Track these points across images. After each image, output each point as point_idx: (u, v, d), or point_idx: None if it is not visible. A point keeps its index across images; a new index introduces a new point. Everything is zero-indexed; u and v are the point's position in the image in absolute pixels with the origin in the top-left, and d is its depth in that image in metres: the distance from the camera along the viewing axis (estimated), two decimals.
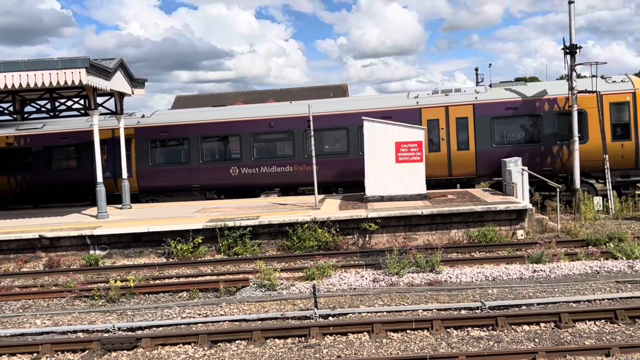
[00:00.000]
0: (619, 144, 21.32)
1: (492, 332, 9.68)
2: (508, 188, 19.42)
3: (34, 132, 25.26)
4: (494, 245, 16.02)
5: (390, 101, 23.42)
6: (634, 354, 8.25)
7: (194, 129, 24.20)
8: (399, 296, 11.97)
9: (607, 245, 14.84)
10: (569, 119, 21.08)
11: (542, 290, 11.78)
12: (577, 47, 20.46)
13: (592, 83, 20.69)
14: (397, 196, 19.25)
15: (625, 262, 13.36)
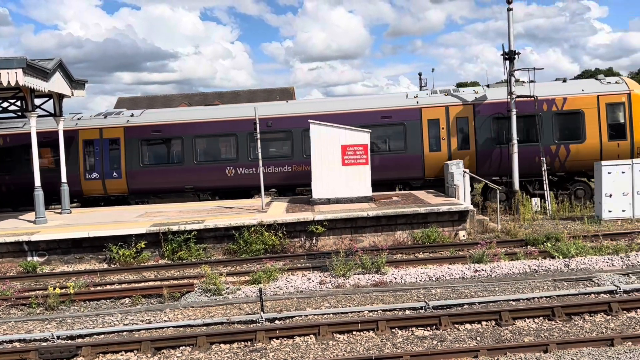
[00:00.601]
0: (615, 144, 21.82)
1: (436, 332, 9.83)
2: (450, 190, 19.83)
3: (14, 131, 24.14)
4: (437, 245, 16.31)
5: (390, 101, 23.45)
6: (570, 349, 8.53)
7: (188, 128, 23.54)
8: (346, 298, 12.02)
9: (544, 244, 15.33)
10: (568, 119, 21.96)
11: (484, 290, 12.07)
12: (515, 53, 21.09)
13: (530, 88, 21.37)
14: (344, 199, 19.36)
15: (561, 261, 13.83)
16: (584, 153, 21.75)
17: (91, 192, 23.93)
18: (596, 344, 8.65)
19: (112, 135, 23.58)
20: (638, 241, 15.26)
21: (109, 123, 23.87)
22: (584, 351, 8.39)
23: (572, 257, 14.04)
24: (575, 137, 22.00)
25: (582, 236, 15.89)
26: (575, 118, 21.99)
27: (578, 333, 9.39)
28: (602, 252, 14.43)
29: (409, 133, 22.47)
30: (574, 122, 22.07)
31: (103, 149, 23.49)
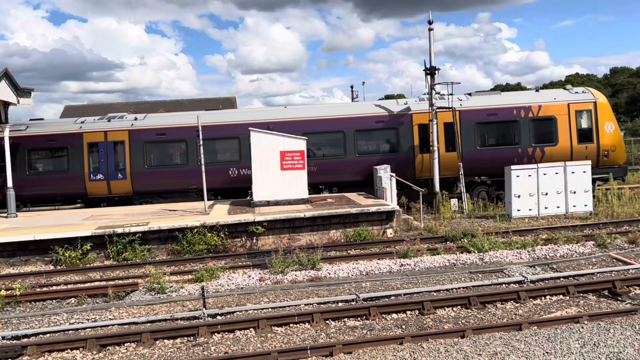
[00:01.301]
0: (583, 146, 22.78)
1: (366, 322, 9.96)
2: (379, 192, 20.15)
3: (17, 134, 22.77)
4: (368, 243, 16.53)
5: (381, 107, 23.66)
6: (484, 334, 8.82)
7: (192, 131, 22.63)
8: (284, 293, 11.99)
9: (462, 240, 15.82)
10: (542, 124, 22.81)
11: (408, 282, 12.31)
12: (436, 69, 21.68)
13: (448, 100, 22.02)
14: (282, 201, 19.32)
15: (477, 255, 14.30)
16: (557, 155, 22.54)
17: (95, 193, 22.86)
18: (507, 329, 8.98)
19: (117, 138, 22.81)
20: (542, 236, 15.94)
21: (114, 126, 23.11)
22: (496, 336, 8.69)
23: (486, 252, 14.54)
24: (549, 140, 22.86)
25: (495, 233, 16.49)
26: (549, 123, 22.90)
27: (491, 320, 9.72)
28: (512, 246, 15.01)
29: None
30: (548, 127, 22.96)
31: (108, 151, 22.72)
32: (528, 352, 7.91)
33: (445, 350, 8.15)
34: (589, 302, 10.42)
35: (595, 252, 14.21)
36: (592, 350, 7.84)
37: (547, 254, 14.17)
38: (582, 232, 16.66)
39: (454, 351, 8.10)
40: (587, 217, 19.22)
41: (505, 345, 8.20)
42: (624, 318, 9.15)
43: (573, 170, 19.71)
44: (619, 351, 7.76)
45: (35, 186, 22.58)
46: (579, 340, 8.22)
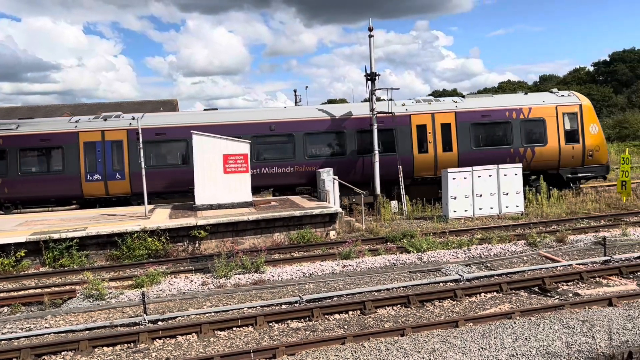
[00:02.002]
0: (570, 147, 23.68)
1: (309, 323, 9.98)
2: (322, 195, 20.26)
3: (8, 133, 21.81)
4: (311, 245, 16.57)
5: (382, 108, 23.36)
6: (423, 332, 9.02)
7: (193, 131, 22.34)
8: (227, 297, 11.85)
9: (401, 241, 16.12)
10: (533, 126, 23.51)
11: (351, 283, 12.43)
12: (376, 75, 22.02)
13: (388, 105, 22.41)
14: (226, 204, 19.09)
15: (416, 255, 14.61)
16: (546, 155, 23.49)
17: (92, 193, 22.05)
18: (444, 326, 9.21)
19: (115, 138, 22.06)
20: (477, 236, 16.47)
21: (111, 125, 22.31)
22: (434, 333, 8.91)
23: (425, 252, 14.88)
24: (539, 141, 23.68)
25: (433, 233, 16.89)
26: (539, 125, 23.73)
27: (429, 317, 9.95)
28: (449, 246, 15.43)
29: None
30: (538, 128, 23.77)
31: (105, 150, 21.98)
32: (464, 348, 8.14)
33: (385, 349, 8.28)
34: (520, 299, 10.84)
35: (526, 250, 14.80)
36: (523, 345, 8.16)
37: (482, 253, 14.64)
38: (514, 231, 17.31)
39: (394, 349, 8.23)
40: (519, 217, 19.99)
41: (443, 342, 8.41)
42: (553, 313, 9.57)
43: (505, 173, 20.46)
44: (548, 345, 8.11)
45: (28, 187, 21.63)
46: (512, 335, 8.54)
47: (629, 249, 14.25)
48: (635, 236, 15.72)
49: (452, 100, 24.30)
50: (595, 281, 11.68)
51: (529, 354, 7.84)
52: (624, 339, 8.16)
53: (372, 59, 21.90)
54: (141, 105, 47.39)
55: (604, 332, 8.33)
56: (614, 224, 17.63)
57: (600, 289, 11.08)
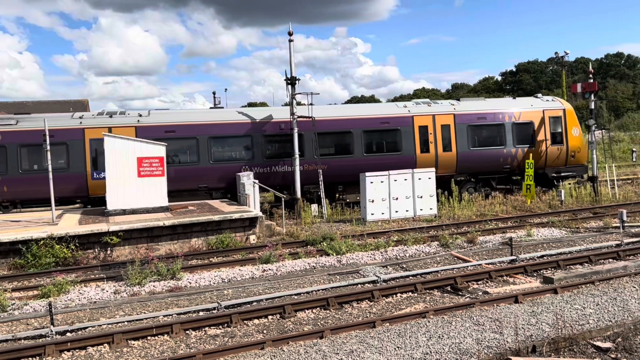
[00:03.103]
0: (555, 148, 25.18)
1: (228, 329, 9.82)
2: (242, 199, 20.04)
3: (6, 128, 20.79)
4: (230, 250, 16.34)
5: (387, 109, 24.69)
6: (341, 333, 9.12)
7: (203, 129, 21.97)
8: (141, 305, 11.42)
9: (321, 244, 16.24)
10: (523, 128, 24.89)
11: (270, 287, 12.37)
12: (296, 79, 22.11)
13: (308, 110, 22.55)
14: (140, 209, 18.42)
15: (335, 258, 14.78)
16: (534, 155, 24.50)
17: (98, 192, 20.92)
18: (362, 327, 9.36)
19: (123, 135, 20.67)
20: (394, 238, 16.92)
21: (119, 122, 21.67)
22: (353, 334, 9.03)
23: (344, 254, 15.08)
24: (529, 142, 24.96)
25: (352, 236, 17.17)
26: (528, 127, 25.08)
27: (348, 319, 10.08)
28: (367, 248, 15.73)
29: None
30: (528, 130, 25.10)
31: None
32: (381, 348, 8.32)
33: (305, 352, 8.29)
34: (434, 298, 11.23)
35: (439, 251, 15.37)
36: (437, 342, 8.45)
37: (398, 254, 15.05)
38: (428, 233, 17.95)
39: (313, 352, 8.26)
40: (433, 219, 20.75)
41: (361, 343, 8.55)
42: (464, 311, 9.99)
43: (420, 177, 21.18)
44: (460, 342, 8.45)
45: (29, 186, 20.60)
46: (426, 333, 8.82)
47: (532, 249, 15.15)
48: (538, 236, 16.75)
49: (450, 103, 25.45)
50: (502, 280, 12.31)
51: (442, 351, 8.13)
52: (529, 334, 8.65)
53: (292, 63, 21.98)
54: (49, 105, 44.89)
55: (511, 328, 8.79)
56: (520, 225, 18.71)
57: (508, 287, 11.70)
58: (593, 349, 8.09)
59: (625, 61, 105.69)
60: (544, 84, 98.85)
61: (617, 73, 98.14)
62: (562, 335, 8.34)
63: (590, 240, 15.78)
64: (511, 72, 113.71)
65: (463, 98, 27.26)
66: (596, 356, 7.84)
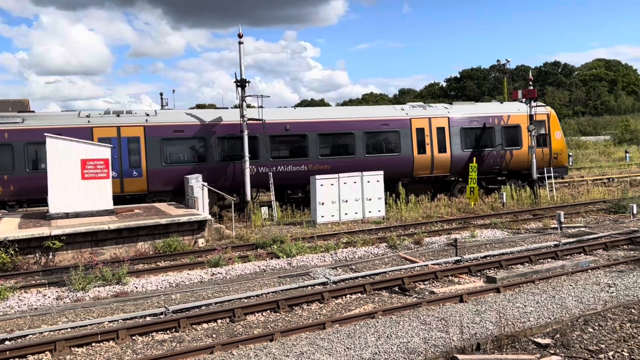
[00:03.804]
0: (540, 150, 26.19)
1: (175, 334, 9.62)
2: (190, 202, 19.71)
3: (12, 127, 20.47)
4: (178, 254, 16.02)
5: (386, 112, 25.47)
6: (292, 336, 9.10)
7: (211, 128, 22.24)
8: (85, 311, 11.04)
9: (272, 247, 16.17)
10: (511, 131, 26.12)
11: (220, 291, 12.21)
12: (246, 82, 21.92)
13: (258, 113, 22.42)
14: (84, 212, 17.81)
15: (285, 260, 14.74)
16: (521, 156, 26.04)
17: None
18: (312, 329, 9.37)
19: (132, 134, 21.38)
20: (343, 240, 17.05)
21: (127, 121, 21.59)
22: (303, 336, 9.03)
23: (294, 256, 15.07)
24: (516, 144, 26.20)
25: (302, 238, 17.17)
26: (515, 130, 26.26)
27: (298, 321, 10.07)
28: (317, 250, 15.77)
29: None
30: (515, 133, 26.27)
31: (121, 147, 21.12)
32: (331, 349, 8.35)
33: (255, 355, 8.22)
34: (382, 298, 11.37)
35: (387, 252, 15.59)
36: (385, 342, 8.56)
37: (347, 256, 15.16)
38: (377, 235, 18.16)
39: (263, 355, 8.21)
40: (381, 221, 21.02)
41: (311, 345, 8.55)
42: (412, 311, 10.16)
43: (369, 180, 21.43)
44: (407, 341, 8.58)
45: (36, 185, 20.05)
46: (375, 334, 8.92)
47: (476, 249, 15.58)
48: (482, 237, 17.24)
49: (444, 107, 26.45)
50: (448, 280, 12.61)
51: (391, 351, 8.24)
52: (473, 332, 8.88)
53: (242, 65, 21.80)
54: None
55: (457, 326, 9.00)
56: (464, 227, 19.22)
57: (453, 286, 11.99)
58: (533, 345, 8.39)
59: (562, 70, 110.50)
60: (486, 91, 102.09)
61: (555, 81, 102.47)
62: (505, 332, 8.61)
63: (531, 241, 16.37)
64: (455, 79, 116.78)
65: (455, 102, 28.33)
66: (536, 352, 8.13)
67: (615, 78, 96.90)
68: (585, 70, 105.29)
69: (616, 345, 8.19)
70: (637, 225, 17.86)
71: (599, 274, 12.17)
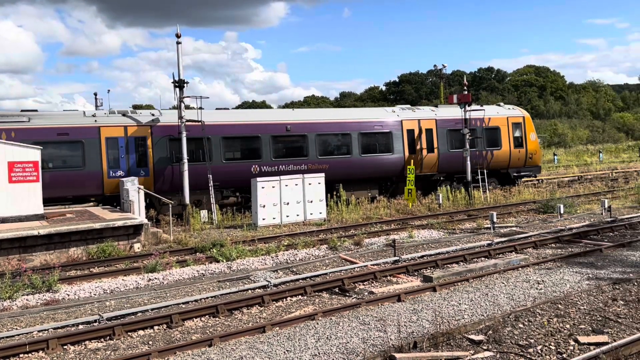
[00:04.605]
0: (517, 150, 28.38)
1: (110, 342, 9.32)
2: (126, 205, 19.14)
3: (18, 126, 20.21)
4: (113, 259, 15.52)
5: (378, 114, 26.74)
6: (231, 340, 9.01)
7: (216, 129, 22.74)
8: (12, 321, 10.51)
9: (211, 251, 15.91)
10: (491, 133, 27.84)
11: (157, 296, 11.92)
12: (184, 82, 21.52)
13: (197, 114, 22.06)
14: (11, 217, 16.95)
15: (225, 264, 14.56)
16: (501, 157, 28.01)
17: (114, 190, 21.10)
18: (252, 333, 9.30)
19: (139, 134, 21.72)
20: (285, 243, 17.02)
21: (134, 121, 21.81)
22: (242, 340, 8.95)
23: (234, 260, 14.91)
24: (496, 145, 27.99)
25: (242, 241, 17.02)
26: (495, 132, 28.07)
27: (237, 325, 9.97)
28: (258, 253, 15.68)
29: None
30: (495, 135, 28.05)
31: (129, 146, 21.41)
32: (271, 353, 8.32)
33: None
34: (323, 300, 11.43)
35: (328, 254, 15.70)
36: (325, 344, 8.61)
37: (289, 258, 15.15)
38: (318, 237, 18.25)
39: None
40: (322, 223, 21.14)
41: (251, 349, 8.49)
42: (351, 311, 10.27)
43: (310, 182, 21.50)
44: (347, 342, 8.67)
45: (44, 184, 18.95)
46: (315, 335, 8.96)
47: (414, 250, 15.94)
48: (419, 238, 17.66)
49: (430, 109, 28.14)
50: (387, 280, 12.83)
51: (330, 352, 8.30)
52: (410, 331, 9.08)
53: (180, 65, 21.40)
54: None
55: (394, 326, 9.17)
56: (402, 228, 19.62)
57: (391, 286, 12.21)
58: (468, 342, 8.66)
59: (495, 75, 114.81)
60: (424, 95, 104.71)
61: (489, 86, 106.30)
62: (440, 330, 8.85)
63: (465, 241, 16.91)
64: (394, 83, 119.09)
65: (440, 105, 29.62)
66: (470, 348, 8.40)
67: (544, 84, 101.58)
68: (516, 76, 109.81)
69: (544, 340, 8.58)
70: (564, 224, 18.79)
71: (529, 272, 12.73)
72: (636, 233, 17.11)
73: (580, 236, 16.70)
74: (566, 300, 10.41)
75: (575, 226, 18.22)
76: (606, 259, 13.66)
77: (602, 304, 10.20)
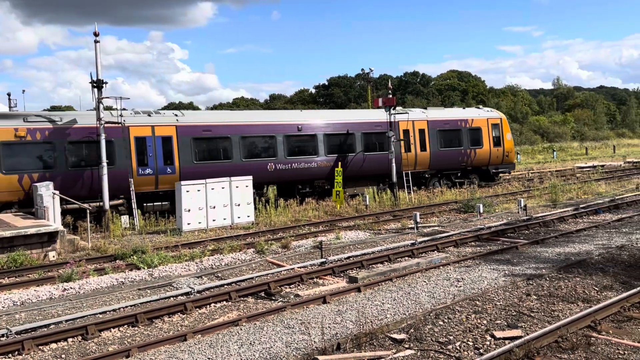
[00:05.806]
0: (496, 149, 31.21)
1: (19, 357, 8.77)
2: (40, 212, 18.13)
3: (54, 125, 21.08)
4: (25, 269, 14.64)
5: (377, 115, 28.08)
6: (150, 350, 8.69)
7: (235, 129, 24.35)
8: None
9: (132, 257, 15.35)
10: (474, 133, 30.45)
11: (72, 307, 11.35)
12: (103, 82, 20.67)
13: (116, 116, 21.29)
14: None
15: (146, 271, 14.08)
16: (482, 155, 30.74)
17: (142, 187, 22.16)
18: (172, 342, 9.02)
19: (165, 133, 22.83)
20: (210, 247, 16.68)
21: (160, 121, 23.05)
22: (162, 349, 8.66)
23: (156, 267, 14.45)
24: (478, 144, 30.59)
25: (165, 247, 16.56)
26: (478, 132, 30.66)
27: (158, 334, 9.64)
28: (181, 259, 15.27)
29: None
30: (477, 135, 30.62)
31: (156, 145, 22.39)
32: None
33: None
34: (248, 305, 11.27)
35: (255, 258, 15.53)
36: (248, 350, 8.48)
37: (214, 263, 14.86)
38: (245, 240, 18.05)
39: None
40: (250, 226, 20.93)
41: (170, 358, 8.23)
42: (276, 315, 10.19)
43: (237, 185, 21.24)
44: (270, 347, 8.58)
45: (77, 182, 21.02)
46: (238, 341, 8.81)
47: (340, 251, 16.06)
48: (346, 239, 17.83)
49: (421, 111, 30.60)
50: (313, 282, 12.84)
51: (253, 357, 8.18)
52: (334, 332, 9.11)
53: (99, 65, 20.56)
54: None
55: (318, 328, 9.17)
56: (330, 229, 19.76)
57: (317, 288, 12.23)
58: (390, 341, 8.79)
59: (420, 79, 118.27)
60: (352, 98, 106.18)
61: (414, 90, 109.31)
62: (364, 331, 8.93)
63: (390, 241, 17.24)
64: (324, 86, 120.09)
65: (430, 107, 32.21)
66: (392, 347, 8.53)
67: (466, 88, 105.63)
68: (440, 80, 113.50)
69: (462, 336, 8.85)
70: (483, 223, 19.56)
71: (450, 270, 13.13)
72: (549, 230, 18.08)
73: (498, 234, 17.44)
74: (484, 297, 10.80)
75: (494, 225, 19.01)
76: (521, 256, 14.33)
77: (517, 299, 10.66)
